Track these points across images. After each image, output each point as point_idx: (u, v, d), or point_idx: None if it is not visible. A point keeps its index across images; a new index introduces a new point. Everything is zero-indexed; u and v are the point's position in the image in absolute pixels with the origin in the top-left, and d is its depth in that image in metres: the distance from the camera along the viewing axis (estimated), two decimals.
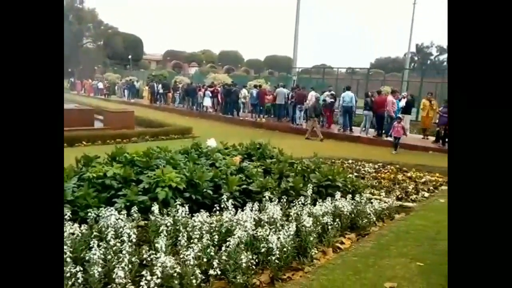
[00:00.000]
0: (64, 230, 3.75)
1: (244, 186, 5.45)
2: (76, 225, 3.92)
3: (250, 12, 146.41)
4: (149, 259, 3.49)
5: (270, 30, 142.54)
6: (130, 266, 3.33)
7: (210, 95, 22.87)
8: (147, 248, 3.73)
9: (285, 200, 5.05)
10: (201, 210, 4.45)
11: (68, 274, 3.08)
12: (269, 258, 3.76)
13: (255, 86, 20.82)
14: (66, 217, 3.96)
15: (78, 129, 12.69)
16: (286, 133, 16.49)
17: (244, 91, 20.38)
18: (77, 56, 49.80)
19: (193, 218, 4.22)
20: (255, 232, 4.07)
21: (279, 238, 3.87)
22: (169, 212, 4.42)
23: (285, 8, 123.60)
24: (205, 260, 3.57)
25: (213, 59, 73.24)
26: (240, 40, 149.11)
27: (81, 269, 3.14)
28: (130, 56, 54.23)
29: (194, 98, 24.53)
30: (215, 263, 3.40)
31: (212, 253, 3.68)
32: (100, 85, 38.63)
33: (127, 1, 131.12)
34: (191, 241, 3.68)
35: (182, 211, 4.29)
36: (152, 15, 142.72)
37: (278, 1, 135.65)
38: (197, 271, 3.26)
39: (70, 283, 3.07)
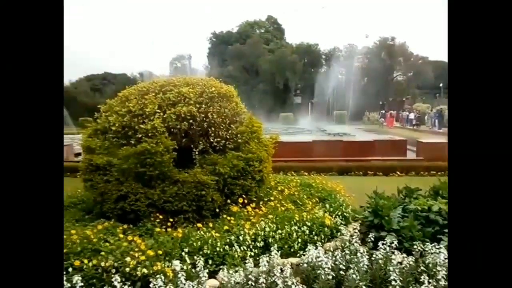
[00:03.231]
0: (393, 258, 3.90)
1: None
2: (403, 255, 3.99)
3: None
4: None
5: None
6: None
7: None
8: None
9: None
10: None
11: None
12: None
13: None
14: (392, 245, 4.11)
15: (392, 159, 13.22)
16: None
17: None
18: (387, 89, 52.87)
19: None
20: None
21: None
22: None
23: None
24: None
25: None
26: None
27: None
28: (441, 84, 51.81)
29: None
30: None
31: None
32: (411, 116, 38.86)
33: (438, 30, 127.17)
34: None
35: None
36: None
37: None
38: None
39: None
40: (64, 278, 3.37)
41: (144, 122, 5.27)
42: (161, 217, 5.04)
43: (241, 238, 4.46)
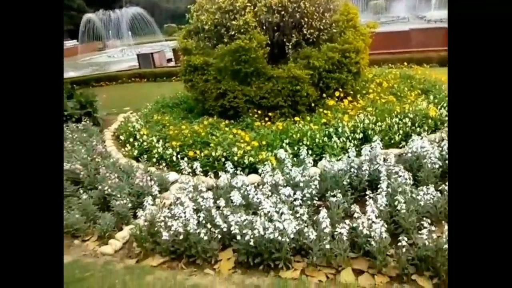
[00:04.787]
0: None
1: None
2: None
3: None
4: None
5: None
6: None
7: None
8: None
9: None
10: None
11: None
12: None
13: None
14: None
15: None
16: None
17: None
18: None
19: None
20: None
21: None
22: None
23: None
24: None
25: None
26: None
27: None
28: None
29: None
30: None
31: None
32: None
33: None
34: None
35: None
36: None
37: None
38: None
39: None
40: (185, 165, 3.84)
41: (236, 17, 5.18)
42: (259, 112, 5.25)
43: (339, 130, 4.48)
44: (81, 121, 6.44)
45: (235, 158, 4.22)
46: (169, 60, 15.42)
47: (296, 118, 5.01)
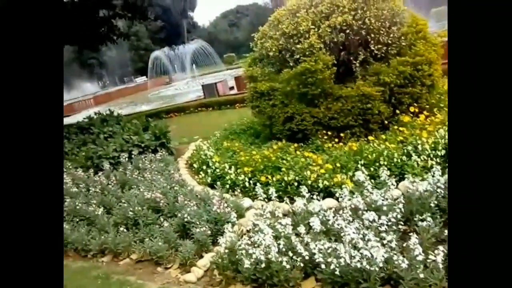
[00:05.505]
0: None
1: None
2: None
3: None
4: None
5: None
6: None
7: None
8: None
9: None
10: None
11: None
12: None
13: None
14: None
15: None
16: None
17: None
18: None
19: None
20: None
21: None
22: None
23: None
24: None
25: None
26: None
27: None
28: None
29: None
30: None
31: None
32: None
33: None
34: None
35: None
36: None
37: None
38: None
39: None
40: (261, 191, 3.84)
41: (300, 41, 5.22)
42: (329, 133, 5.15)
43: (419, 147, 4.20)
44: (157, 152, 6.83)
45: (309, 182, 4.13)
46: (231, 88, 15.99)
47: (370, 138, 4.81)
